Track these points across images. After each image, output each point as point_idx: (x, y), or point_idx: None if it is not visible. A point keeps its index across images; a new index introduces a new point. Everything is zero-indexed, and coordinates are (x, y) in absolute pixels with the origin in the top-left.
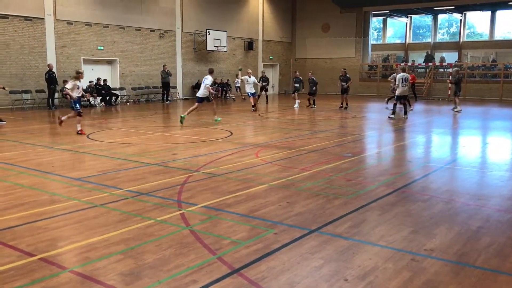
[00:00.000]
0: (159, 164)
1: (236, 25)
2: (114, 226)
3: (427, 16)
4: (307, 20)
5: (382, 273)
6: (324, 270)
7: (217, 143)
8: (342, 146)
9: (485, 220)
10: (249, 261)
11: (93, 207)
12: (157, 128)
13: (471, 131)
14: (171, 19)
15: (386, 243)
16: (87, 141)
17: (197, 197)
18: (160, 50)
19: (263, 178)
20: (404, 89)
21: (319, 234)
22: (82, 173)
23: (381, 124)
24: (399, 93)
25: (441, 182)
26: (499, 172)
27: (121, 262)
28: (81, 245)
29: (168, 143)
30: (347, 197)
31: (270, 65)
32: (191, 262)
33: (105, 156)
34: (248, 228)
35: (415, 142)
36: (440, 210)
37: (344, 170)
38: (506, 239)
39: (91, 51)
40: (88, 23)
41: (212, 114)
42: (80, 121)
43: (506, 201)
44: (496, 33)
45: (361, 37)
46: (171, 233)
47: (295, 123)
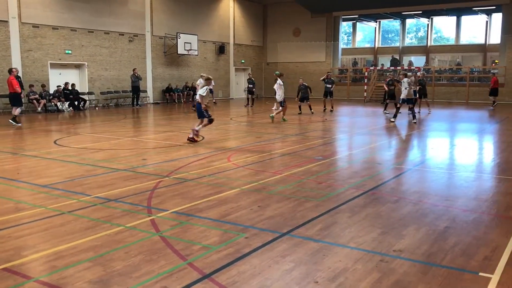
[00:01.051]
0: (128, 169)
1: (207, 29)
2: (82, 234)
3: (396, 21)
4: (278, 24)
5: (352, 274)
6: (295, 273)
7: (189, 147)
8: (313, 149)
9: (452, 221)
10: (220, 266)
11: (61, 215)
12: (126, 133)
13: (439, 133)
14: (141, 23)
15: (356, 244)
16: (54, 147)
17: (167, 202)
18: (130, 54)
19: (235, 182)
20: (410, 92)
21: (290, 237)
22: (49, 180)
23: (351, 127)
24: (405, 96)
25: (410, 184)
26: (465, 173)
27: (89, 270)
28: (48, 253)
29: (138, 148)
30: (318, 200)
31: (241, 69)
32: (161, 269)
33: (73, 162)
34: (219, 232)
35: (384, 145)
36: (409, 211)
37: (315, 173)
38: (472, 239)
39: (58, 55)
40: (55, 27)
41: None
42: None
43: (472, 202)
44: (462, 37)
45: (331, 41)
46: (140, 239)
47: (267, 127)
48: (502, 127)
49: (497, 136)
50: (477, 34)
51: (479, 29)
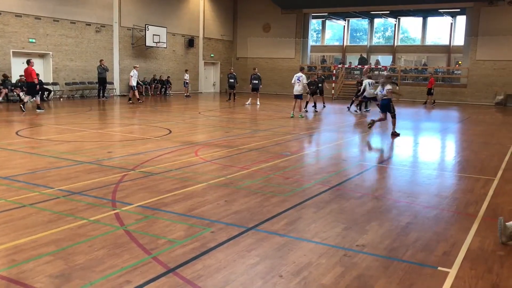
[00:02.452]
0: (93, 162)
1: (177, 22)
2: (43, 227)
3: (364, 20)
4: (249, 19)
5: (315, 269)
6: (260, 267)
7: (155, 141)
8: (281, 145)
9: (414, 217)
10: (185, 260)
11: (21, 207)
12: (92, 125)
13: (404, 131)
14: (109, 13)
15: (320, 239)
16: (16, 138)
17: (132, 196)
18: (96, 45)
19: (202, 176)
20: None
21: (256, 231)
22: (9, 172)
23: (319, 123)
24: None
25: (374, 180)
26: (427, 171)
27: (50, 264)
28: (7, 247)
29: (103, 141)
30: (284, 195)
31: (211, 63)
32: (124, 263)
33: (35, 154)
34: (185, 227)
35: (350, 142)
36: (372, 207)
37: (282, 168)
38: (432, 234)
39: (21, 44)
40: (18, 14)
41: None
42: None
43: (433, 198)
44: (428, 38)
45: (301, 38)
46: (104, 233)
47: (236, 121)
48: (463, 127)
49: (459, 135)
50: (442, 36)
51: (444, 30)
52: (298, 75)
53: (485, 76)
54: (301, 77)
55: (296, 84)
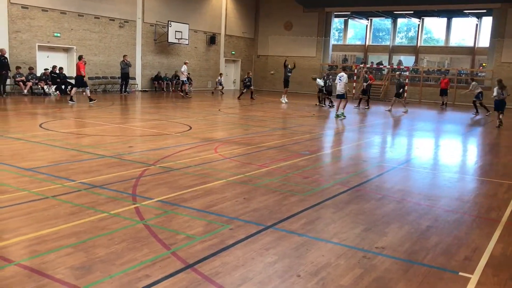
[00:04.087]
0: (114, 156)
1: (199, 19)
2: (65, 219)
3: (387, 20)
4: (270, 17)
5: (334, 269)
6: (278, 266)
7: (175, 137)
8: (300, 144)
9: (434, 220)
10: (203, 257)
11: (44, 199)
12: (113, 120)
13: (425, 133)
14: (132, 9)
15: (339, 240)
16: (39, 130)
17: (152, 191)
18: (120, 40)
19: (221, 173)
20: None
21: (274, 230)
22: (33, 164)
23: (338, 123)
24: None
25: (394, 182)
26: (448, 174)
27: (71, 256)
28: (29, 237)
29: (124, 135)
30: (303, 194)
31: (232, 60)
32: (144, 257)
33: (58, 146)
34: (204, 223)
35: (371, 142)
36: (392, 209)
37: (301, 167)
38: (453, 239)
39: (47, 38)
40: (44, 9)
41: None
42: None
43: (454, 202)
44: (451, 39)
45: (322, 37)
46: (124, 227)
47: (255, 119)
48: (486, 130)
49: (481, 139)
50: (466, 37)
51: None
52: (340, 74)
53: (510, 78)
54: (342, 77)
55: (338, 84)
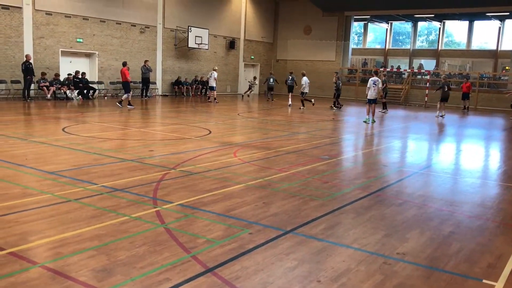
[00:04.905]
0: (135, 160)
1: (218, 24)
2: (87, 222)
3: (407, 23)
4: (290, 21)
5: (354, 275)
6: (298, 271)
7: (195, 141)
8: (319, 148)
9: (456, 226)
10: (223, 261)
11: (67, 202)
12: (134, 124)
13: (447, 138)
14: (153, 14)
15: (360, 245)
16: (62, 134)
17: (173, 195)
18: (141, 45)
19: (240, 177)
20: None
21: (294, 235)
22: (56, 167)
23: (358, 127)
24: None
25: (415, 187)
26: (471, 179)
27: (93, 258)
28: (53, 240)
29: (145, 139)
30: (323, 199)
31: (251, 65)
32: (164, 260)
33: (80, 150)
34: (223, 227)
35: (391, 147)
36: (414, 214)
37: (320, 172)
38: (475, 245)
39: (69, 43)
40: (67, 15)
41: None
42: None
43: (477, 208)
44: (473, 43)
45: (342, 40)
46: (145, 230)
47: (274, 123)
48: (509, 135)
49: (504, 144)
50: (488, 40)
51: (491, 34)
52: (374, 79)
53: None
54: (377, 82)
55: (372, 88)
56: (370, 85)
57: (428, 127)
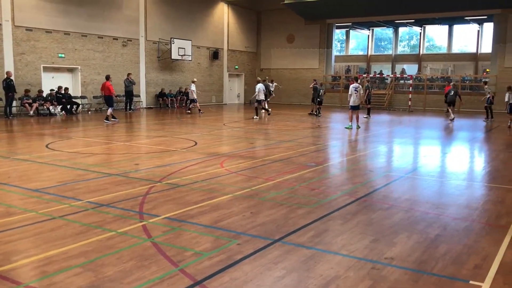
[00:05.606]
0: (120, 174)
1: (201, 35)
2: (73, 239)
3: (389, 29)
4: (272, 30)
5: (343, 282)
6: (287, 280)
7: (181, 153)
8: (306, 156)
9: (443, 228)
10: (211, 273)
11: (51, 219)
12: (119, 138)
13: (431, 141)
14: (135, 27)
15: (348, 252)
16: (46, 150)
17: (159, 208)
18: (123, 58)
19: (227, 188)
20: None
21: (282, 243)
22: (40, 184)
23: (343, 134)
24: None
25: (401, 191)
26: (456, 181)
27: (80, 276)
28: (38, 258)
29: (130, 153)
30: (310, 207)
31: (235, 74)
32: (152, 275)
33: (64, 166)
34: (211, 239)
35: (376, 152)
36: (400, 218)
37: (307, 179)
38: (462, 247)
39: (51, 59)
40: (48, 30)
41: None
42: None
43: (463, 210)
44: (454, 46)
45: (324, 48)
46: (132, 245)
47: (260, 132)
48: (492, 136)
49: (488, 145)
50: (468, 43)
51: (470, 38)
52: (355, 85)
53: None
54: (359, 88)
55: (354, 95)
56: (352, 92)
57: (413, 131)
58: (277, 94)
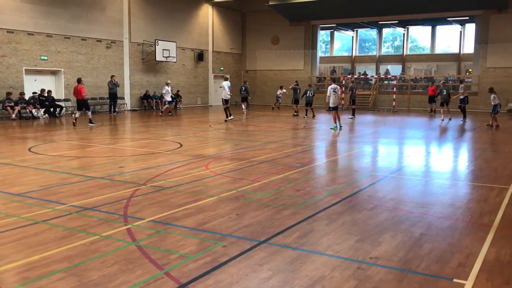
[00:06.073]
0: (104, 177)
1: (186, 36)
2: (56, 243)
3: (373, 30)
4: (257, 32)
5: (329, 282)
6: (272, 281)
7: (166, 155)
8: (291, 157)
9: (427, 227)
10: (197, 275)
11: (34, 224)
12: (103, 141)
13: (416, 141)
14: (119, 29)
15: (333, 252)
16: (28, 154)
17: (144, 211)
18: (107, 61)
19: (213, 190)
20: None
21: (268, 245)
22: (22, 188)
23: (329, 134)
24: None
25: (386, 191)
26: (440, 180)
27: (63, 281)
28: (20, 264)
29: (114, 156)
30: (296, 207)
31: (220, 76)
32: (137, 278)
33: (48, 170)
34: (196, 241)
35: (362, 152)
36: (385, 218)
37: (293, 180)
38: (446, 245)
39: (34, 61)
40: (30, 32)
41: None
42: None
43: (447, 208)
44: (437, 47)
45: (309, 49)
46: (116, 248)
47: (247, 134)
48: (475, 135)
49: (471, 144)
50: (451, 44)
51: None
52: (333, 86)
53: (496, 83)
54: (337, 89)
55: (333, 95)
56: (330, 93)
57: (397, 131)
58: (262, 95)
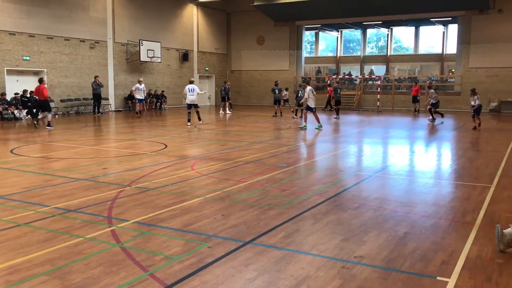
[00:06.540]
0: (88, 179)
1: (171, 36)
2: (39, 246)
3: (357, 31)
4: (242, 32)
5: (314, 281)
6: (258, 281)
7: (151, 156)
8: (277, 157)
9: (411, 226)
10: (182, 277)
11: (16, 227)
12: (87, 142)
13: (400, 140)
14: (103, 29)
15: (318, 251)
16: (11, 156)
17: (128, 212)
18: (91, 61)
19: (198, 191)
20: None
21: (253, 245)
22: (4, 190)
23: (314, 134)
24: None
25: (370, 190)
26: (424, 180)
27: (46, 284)
28: (2, 267)
29: (98, 157)
30: (281, 207)
31: (206, 76)
32: (121, 280)
33: (30, 172)
34: (182, 242)
35: (346, 152)
36: (370, 217)
37: (278, 180)
38: (430, 244)
39: (15, 62)
40: (12, 32)
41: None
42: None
43: (430, 207)
44: (420, 47)
45: (294, 50)
46: (100, 250)
47: (232, 134)
48: (458, 134)
49: (454, 143)
50: (434, 44)
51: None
52: (311, 88)
53: (479, 83)
54: (312, 89)
55: (313, 96)
56: (309, 94)
57: (382, 131)
58: (247, 95)
